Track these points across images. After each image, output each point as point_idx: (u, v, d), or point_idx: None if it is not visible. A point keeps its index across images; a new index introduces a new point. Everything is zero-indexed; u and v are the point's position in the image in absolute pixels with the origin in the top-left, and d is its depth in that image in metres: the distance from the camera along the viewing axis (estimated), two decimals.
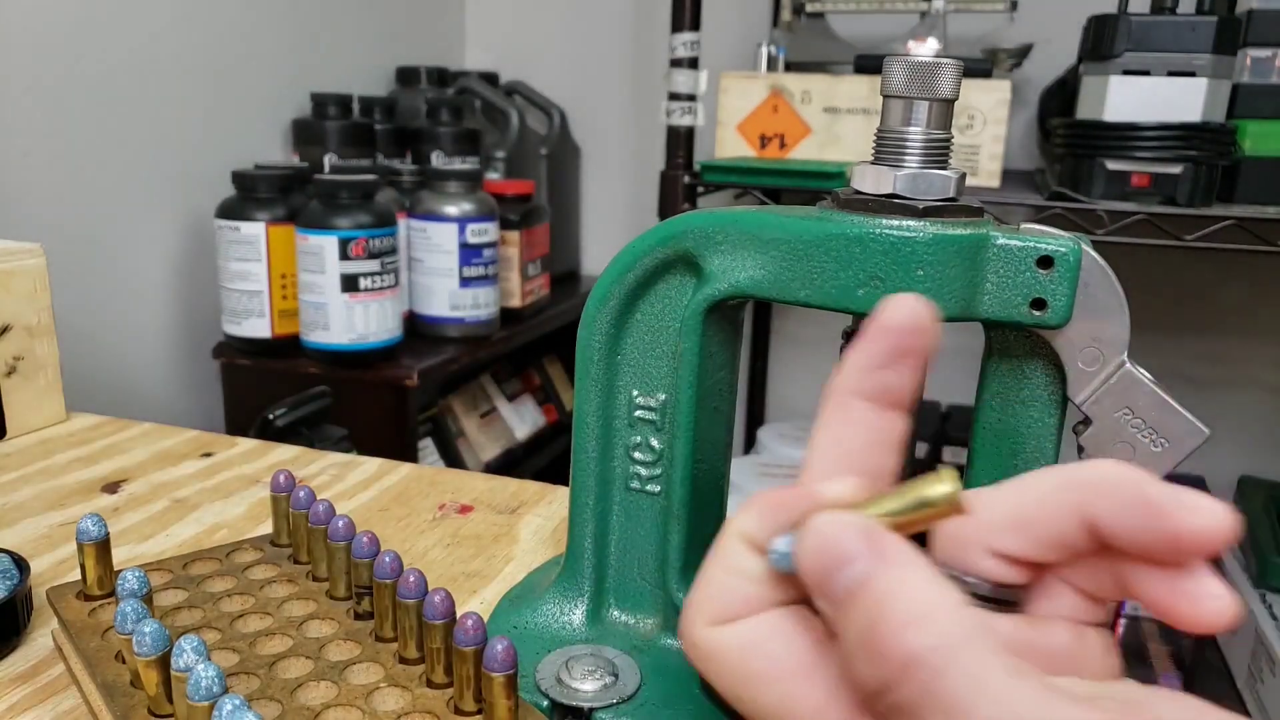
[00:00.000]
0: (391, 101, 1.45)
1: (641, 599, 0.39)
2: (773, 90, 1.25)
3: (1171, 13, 1.02)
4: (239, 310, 1.14)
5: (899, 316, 0.24)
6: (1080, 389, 0.32)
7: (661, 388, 0.37)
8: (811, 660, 0.23)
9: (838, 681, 0.23)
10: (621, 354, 0.38)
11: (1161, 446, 0.32)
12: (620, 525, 0.39)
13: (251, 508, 0.54)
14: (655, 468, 0.38)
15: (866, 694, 0.21)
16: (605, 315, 0.37)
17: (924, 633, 0.20)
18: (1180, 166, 1.01)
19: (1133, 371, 0.32)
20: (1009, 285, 0.31)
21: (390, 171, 1.30)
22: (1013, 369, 0.34)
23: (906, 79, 0.31)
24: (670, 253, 0.35)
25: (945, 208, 0.31)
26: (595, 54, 1.75)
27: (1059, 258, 0.30)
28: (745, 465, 1.45)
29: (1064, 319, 0.31)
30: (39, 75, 1.01)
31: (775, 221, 0.33)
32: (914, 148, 0.32)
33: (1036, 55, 1.38)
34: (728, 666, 0.25)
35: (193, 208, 1.22)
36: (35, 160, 1.02)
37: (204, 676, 0.28)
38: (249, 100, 1.30)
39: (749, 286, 0.33)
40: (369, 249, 1.09)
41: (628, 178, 1.78)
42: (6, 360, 0.64)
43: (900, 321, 0.24)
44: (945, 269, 0.30)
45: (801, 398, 1.74)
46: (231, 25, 1.26)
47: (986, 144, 1.17)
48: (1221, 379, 1.49)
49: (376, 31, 1.56)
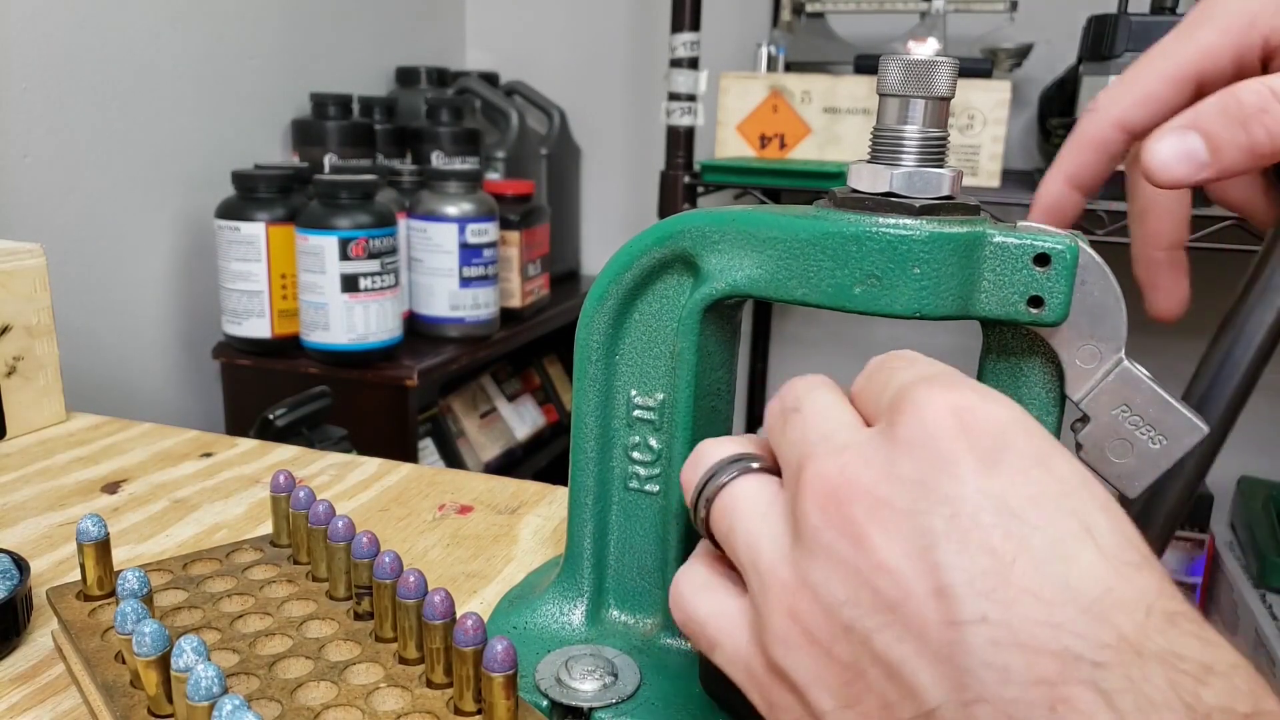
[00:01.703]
0: (391, 101, 1.45)
1: (641, 599, 0.39)
2: (773, 90, 1.25)
3: (1171, 13, 1.02)
4: (239, 310, 1.14)
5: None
6: (1078, 386, 0.32)
7: (660, 387, 0.37)
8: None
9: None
10: (619, 354, 0.38)
11: (1160, 443, 0.32)
12: (619, 525, 0.39)
13: (251, 508, 0.54)
14: (654, 467, 0.38)
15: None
16: (603, 315, 0.37)
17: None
18: None
19: (1130, 369, 0.32)
20: (1006, 283, 0.31)
21: (390, 171, 1.30)
22: (1010, 367, 0.34)
23: (902, 77, 0.31)
24: (667, 252, 0.35)
25: (942, 206, 0.31)
26: (595, 54, 1.75)
27: (1056, 255, 0.30)
28: None
29: (1061, 316, 0.31)
30: (39, 75, 1.01)
31: (772, 220, 0.33)
32: (910, 146, 0.32)
33: (1036, 55, 1.38)
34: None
35: (193, 208, 1.22)
36: (35, 160, 1.02)
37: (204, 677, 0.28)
38: (249, 100, 1.31)
39: (746, 286, 0.33)
40: (369, 249, 1.09)
41: (628, 178, 1.78)
42: (6, 360, 0.64)
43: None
44: (942, 267, 0.30)
45: None
46: (231, 25, 1.26)
47: (986, 144, 1.17)
48: None
49: (376, 31, 1.56)
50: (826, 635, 0.24)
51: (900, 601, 0.22)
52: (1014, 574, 0.22)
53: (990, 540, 0.22)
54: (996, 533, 0.22)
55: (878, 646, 0.23)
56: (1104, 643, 0.21)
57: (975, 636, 0.21)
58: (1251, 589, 1.25)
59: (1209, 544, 1.36)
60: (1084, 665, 0.21)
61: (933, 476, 0.23)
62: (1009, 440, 0.23)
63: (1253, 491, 1.39)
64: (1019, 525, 0.22)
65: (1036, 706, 0.21)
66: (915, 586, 0.22)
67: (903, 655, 0.22)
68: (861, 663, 0.23)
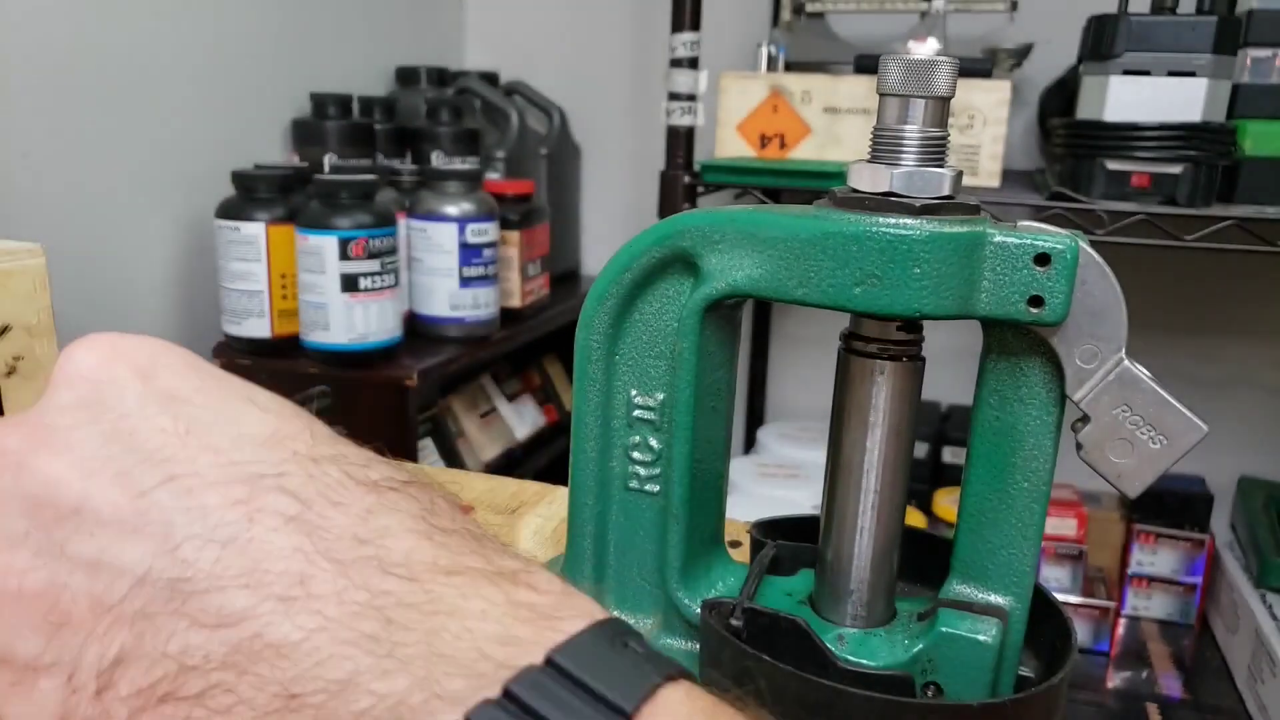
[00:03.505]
0: (391, 101, 1.45)
1: (641, 599, 0.39)
2: (773, 90, 1.25)
3: (1171, 13, 1.02)
4: (239, 310, 1.14)
5: None
6: (1078, 386, 0.32)
7: (660, 387, 0.37)
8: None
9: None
10: (620, 354, 0.38)
11: (1160, 443, 0.32)
12: (619, 525, 0.39)
13: None
14: (654, 467, 0.38)
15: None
16: (603, 315, 0.37)
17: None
18: (1180, 166, 1.01)
19: (1131, 368, 0.32)
20: (1006, 283, 0.31)
21: (390, 171, 1.30)
22: (1011, 367, 0.34)
23: (902, 77, 0.31)
24: (667, 252, 0.35)
25: (942, 205, 0.31)
26: (595, 54, 1.75)
27: (1056, 255, 0.30)
28: (745, 465, 1.45)
29: (1061, 316, 0.31)
30: (39, 75, 1.01)
31: (772, 220, 0.33)
32: (910, 146, 0.32)
33: (1036, 55, 1.38)
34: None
35: (193, 208, 1.22)
36: (35, 160, 1.02)
37: None
38: (249, 100, 1.30)
39: (746, 285, 0.33)
40: (369, 249, 1.09)
41: (628, 178, 1.78)
42: (6, 360, 0.64)
43: None
44: (942, 267, 0.30)
45: (801, 398, 1.74)
46: (231, 25, 1.26)
47: (986, 144, 1.17)
48: (1221, 379, 1.49)
49: (376, 31, 1.56)
50: (16, 577, 0.24)
51: (83, 501, 0.24)
52: (189, 441, 0.25)
53: (160, 424, 0.25)
54: (165, 418, 0.25)
55: (73, 551, 0.24)
56: (281, 460, 0.25)
57: (166, 494, 0.24)
58: (1251, 589, 1.25)
59: (1209, 544, 1.36)
60: (269, 480, 0.24)
61: (94, 395, 0.26)
62: (161, 358, 0.27)
63: (1253, 491, 1.39)
64: (186, 407, 0.26)
65: (237, 523, 0.23)
66: (93, 483, 0.24)
67: (100, 546, 0.24)
68: (59, 580, 0.24)
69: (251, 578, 0.23)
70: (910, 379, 0.36)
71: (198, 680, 0.22)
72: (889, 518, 0.37)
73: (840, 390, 0.37)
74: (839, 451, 0.37)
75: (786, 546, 0.41)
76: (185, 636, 0.22)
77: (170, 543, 0.23)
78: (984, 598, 0.36)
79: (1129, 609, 1.38)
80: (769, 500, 1.31)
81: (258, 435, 0.25)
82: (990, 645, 0.35)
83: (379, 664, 0.22)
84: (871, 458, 0.36)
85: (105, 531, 0.24)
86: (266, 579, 0.23)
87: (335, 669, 0.22)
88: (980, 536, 0.36)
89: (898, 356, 0.36)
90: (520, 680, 0.21)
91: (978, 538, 0.36)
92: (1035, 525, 0.35)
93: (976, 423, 0.36)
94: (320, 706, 0.21)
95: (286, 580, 0.23)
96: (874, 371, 0.36)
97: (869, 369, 0.36)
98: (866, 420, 0.36)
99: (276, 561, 0.23)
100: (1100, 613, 1.31)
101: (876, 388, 0.36)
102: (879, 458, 0.36)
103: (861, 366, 0.36)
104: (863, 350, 0.36)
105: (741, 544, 0.50)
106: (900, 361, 0.36)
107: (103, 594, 0.23)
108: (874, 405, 0.36)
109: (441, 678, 0.21)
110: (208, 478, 0.24)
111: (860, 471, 0.37)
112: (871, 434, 0.36)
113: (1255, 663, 1.18)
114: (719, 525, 0.42)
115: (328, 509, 0.24)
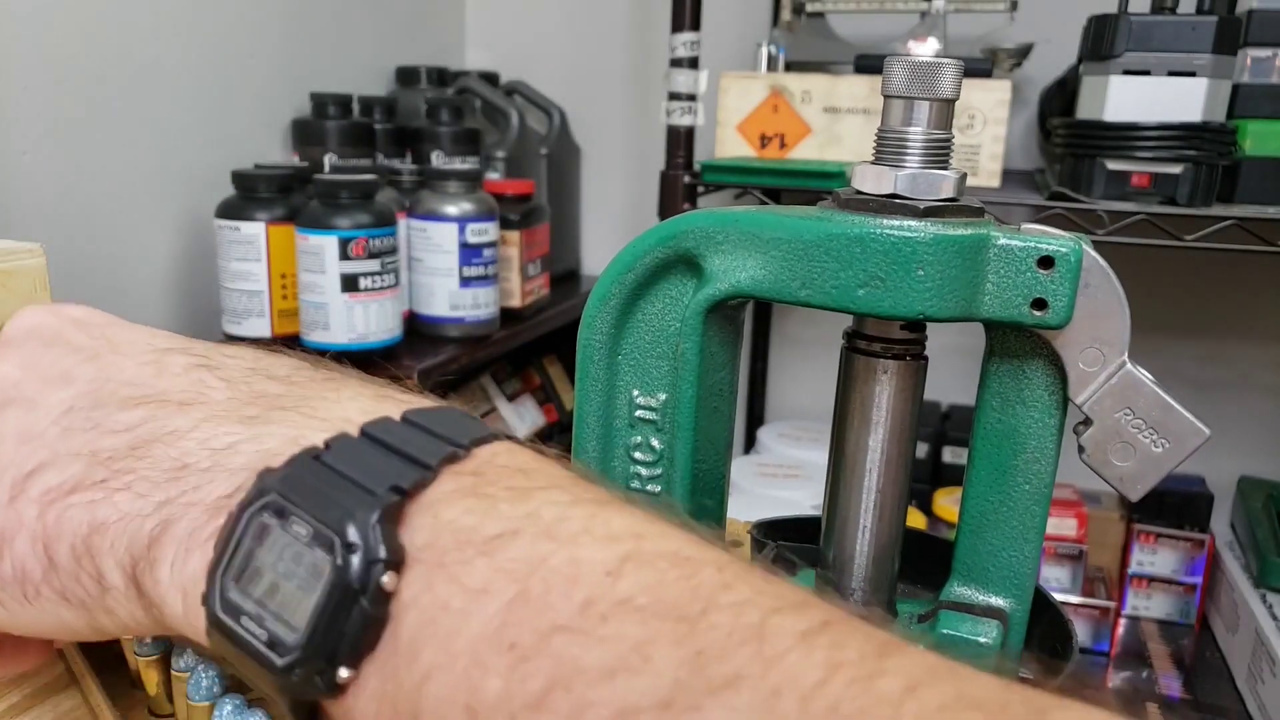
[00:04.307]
0: (391, 101, 1.45)
1: None
2: (773, 90, 1.25)
3: (1171, 13, 1.02)
4: (239, 310, 1.14)
5: None
6: (1081, 389, 0.32)
7: (662, 388, 0.37)
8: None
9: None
10: (622, 354, 0.38)
11: (1162, 447, 0.32)
12: None
13: None
14: (656, 468, 0.38)
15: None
16: (605, 315, 0.37)
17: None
18: (1180, 166, 1.01)
19: (1133, 372, 0.32)
20: (1010, 285, 0.31)
21: (390, 171, 1.30)
22: (1013, 369, 0.34)
23: (907, 79, 0.31)
24: (670, 253, 0.35)
25: (946, 208, 0.31)
26: (595, 54, 1.74)
27: (1060, 258, 0.30)
28: (745, 465, 1.45)
29: (1065, 319, 0.31)
30: (39, 75, 1.01)
31: (775, 221, 0.33)
32: (915, 148, 0.32)
33: (1036, 55, 1.38)
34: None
35: (193, 208, 1.22)
36: (35, 160, 1.02)
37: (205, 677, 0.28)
38: (249, 100, 1.30)
39: (749, 286, 0.33)
40: (369, 249, 1.09)
41: (628, 178, 1.78)
42: None
43: None
44: (946, 269, 0.30)
45: (802, 398, 1.74)
46: (231, 25, 1.26)
47: (987, 144, 1.17)
48: (1222, 380, 1.49)
49: (376, 31, 1.56)
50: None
51: (19, 385, 0.29)
52: (109, 340, 0.30)
53: (82, 339, 0.30)
54: (85, 335, 0.30)
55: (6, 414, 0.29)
56: (188, 344, 0.30)
57: (91, 367, 0.29)
58: (1251, 589, 1.25)
59: (1209, 544, 1.36)
60: (175, 350, 0.30)
61: (34, 331, 0.30)
62: (93, 318, 0.32)
63: (1253, 491, 1.39)
64: (108, 329, 0.31)
65: (148, 371, 0.29)
66: (31, 372, 0.29)
67: (31, 395, 0.28)
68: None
69: (157, 397, 0.28)
70: (913, 378, 0.36)
71: (102, 470, 0.26)
72: (891, 517, 0.37)
73: (843, 388, 0.37)
74: (841, 450, 0.37)
75: (787, 547, 0.41)
76: (97, 441, 0.27)
77: (90, 389, 0.28)
78: (984, 600, 0.36)
79: (1129, 609, 1.38)
80: (769, 500, 1.31)
81: (167, 340, 0.31)
82: (991, 647, 0.35)
83: (256, 432, 0.26)
84: (874, 456, 0.36)
85: (34, 387, 0.29)
86: (169, 395, 0.28)
87: (218, 441, 0.26)
88: (981, 539, 0.36)
89: (901, 355, 0.36)
90: (375, 425, 0.24)
91: (979, 540, 0.36)
92: (1036, 528, 0.35)
93: (979, 425, 0.36)
94: (206, 470, 0.25)
95: (185, 395, 0.28)
96: (877, 370, 0.36)
97: (872, 367, 0.36)
98: (869, 419, 0.36)
99: (179, 387, 0.28)
100: (1100, 613, 1.31)
101: (880, 386, 0.36)
102: (881, 456, 0.36)
103: (865, 365, 0.36)
104: (866, 349, 0.36)
105: (742, 544, 0.50)
106: (904, 360, 0.36)
107: (29, 426, 0.28)
108: (877, 403, 0.36)
109: (309, 434, 0.25)
110: (124, 353, 0.29)
111: (863, 470, 0.37)
112: (874, 432, 0.36)
113: (1255, 663, 1.18)
114: (720, 525, 0.42)
115: (224, 359, 0.29)
